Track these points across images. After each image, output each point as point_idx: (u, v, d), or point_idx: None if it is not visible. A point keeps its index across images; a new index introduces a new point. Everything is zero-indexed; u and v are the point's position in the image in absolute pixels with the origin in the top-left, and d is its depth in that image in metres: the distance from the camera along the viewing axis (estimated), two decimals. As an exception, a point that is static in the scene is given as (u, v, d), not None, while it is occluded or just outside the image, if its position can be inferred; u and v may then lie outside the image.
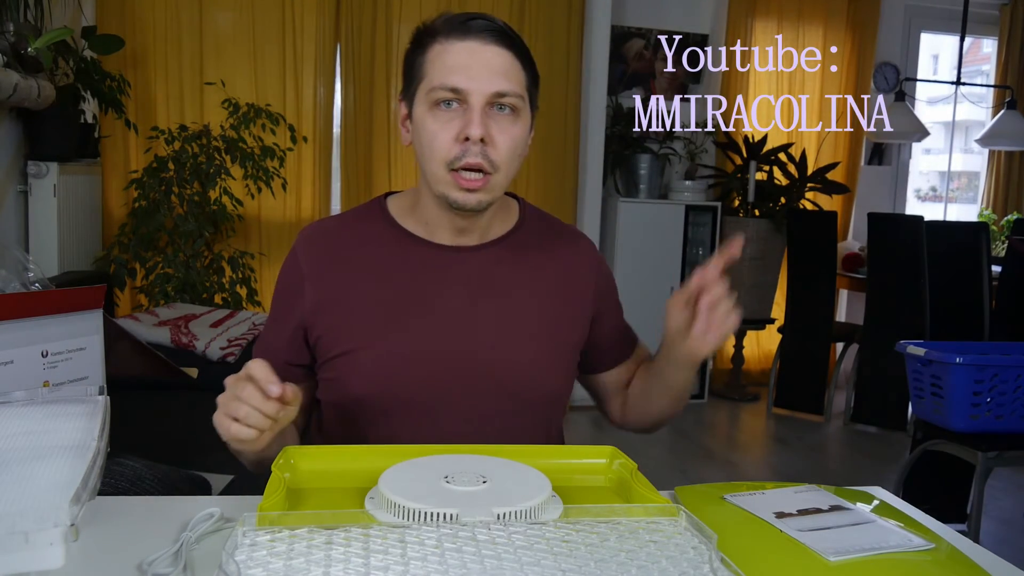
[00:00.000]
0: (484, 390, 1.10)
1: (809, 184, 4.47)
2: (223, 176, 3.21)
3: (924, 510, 0.97)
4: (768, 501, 0.92)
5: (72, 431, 0.91)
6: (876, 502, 0.97)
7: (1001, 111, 4.64)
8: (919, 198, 6.59)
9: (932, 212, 6.08)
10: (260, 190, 3.33)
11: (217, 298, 3.23)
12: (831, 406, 4.27)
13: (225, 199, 3.27)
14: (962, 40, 4.62)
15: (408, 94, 1.11)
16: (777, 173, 4.51)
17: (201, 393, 2.29)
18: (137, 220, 3.12)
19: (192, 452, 1.73)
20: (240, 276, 3.27)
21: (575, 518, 0.80)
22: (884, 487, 1.06)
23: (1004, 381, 2.22)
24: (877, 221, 3.87)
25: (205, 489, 1.54)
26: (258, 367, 0.88)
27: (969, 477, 2.52)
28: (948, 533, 0.90)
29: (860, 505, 0.93)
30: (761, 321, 4.51)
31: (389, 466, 0.87)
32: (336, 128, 3.84)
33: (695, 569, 0.71)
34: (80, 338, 1.69)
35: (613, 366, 1.25)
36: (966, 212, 6.03)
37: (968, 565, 0.81)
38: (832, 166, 4.57)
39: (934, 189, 7.14)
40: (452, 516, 0.77)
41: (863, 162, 5.07)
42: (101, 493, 0.87)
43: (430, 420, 1.09)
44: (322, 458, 0.96)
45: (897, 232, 3.78)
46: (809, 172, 4.48)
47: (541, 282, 1.16)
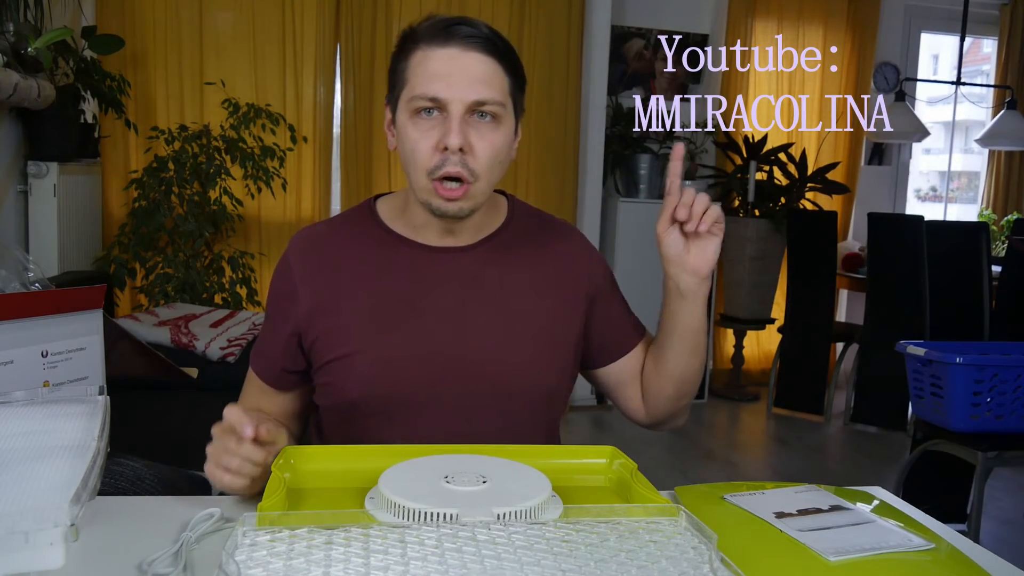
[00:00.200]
0: (479, 390, 1.09)
1: (809, 184, 4.47)
2: (223, 176, 3.21)
3: (924, 510, 0.97)
4: (768, 501, 0.92)
5: (72, 431, 0.91)
6: (876, 502, 0.97)
7: (1001, 111, 4.63)
8: (919, 198, 6.58)
9: (932, 212, 6.07)
10: (260, 190, 3.33)
11: (217, 298, 3.23)
12: (831, 406, 4.26)
13: (225, 199, 3.27)
14: (962, 40, 4.61)
15: (392, 99, 1.11)
16: (777, 173, 4.51)
17: (201, 393, 2.30)
18: (137, 220, 3.12)
19: (192, 452, 1.72)
20: (240, 276, 3.27)
21: (575, 518, 0.80)
22: (884, 487, 1.06)
23: (1004, 381, 2.22)
24: (877, 221, 3.87)
25: (205, 489, 1.53)
26: (232, 413, 0.92)
27: (969, 477, 2.52)
28: (948, 533, 0.90)
29: (860, 505, 0.93)
30: (761, 321, 4.51)
31: (389, 466, 0.88)
32: (336, 128, 3.83)
33: (695, 569, 0.71)
34: (80, 338, 1.69)
35: (622, 355, 1.22)
36: (966, 212, 6.02)
37: (968, 565, 0.81)
38: (832, 166, 4.57)
39: (934, 189, 7.13)
40: (452, 516, 0.77)
41: (863, 162, 5.07)
42: (101, 493, 0.87)
43: (427, 421, 1.09)
44: (322, 458, 0.96)
45: (897, 232, 3.77)
46: (809, 172, 4.48)
47: (533, 278, 1.16)
